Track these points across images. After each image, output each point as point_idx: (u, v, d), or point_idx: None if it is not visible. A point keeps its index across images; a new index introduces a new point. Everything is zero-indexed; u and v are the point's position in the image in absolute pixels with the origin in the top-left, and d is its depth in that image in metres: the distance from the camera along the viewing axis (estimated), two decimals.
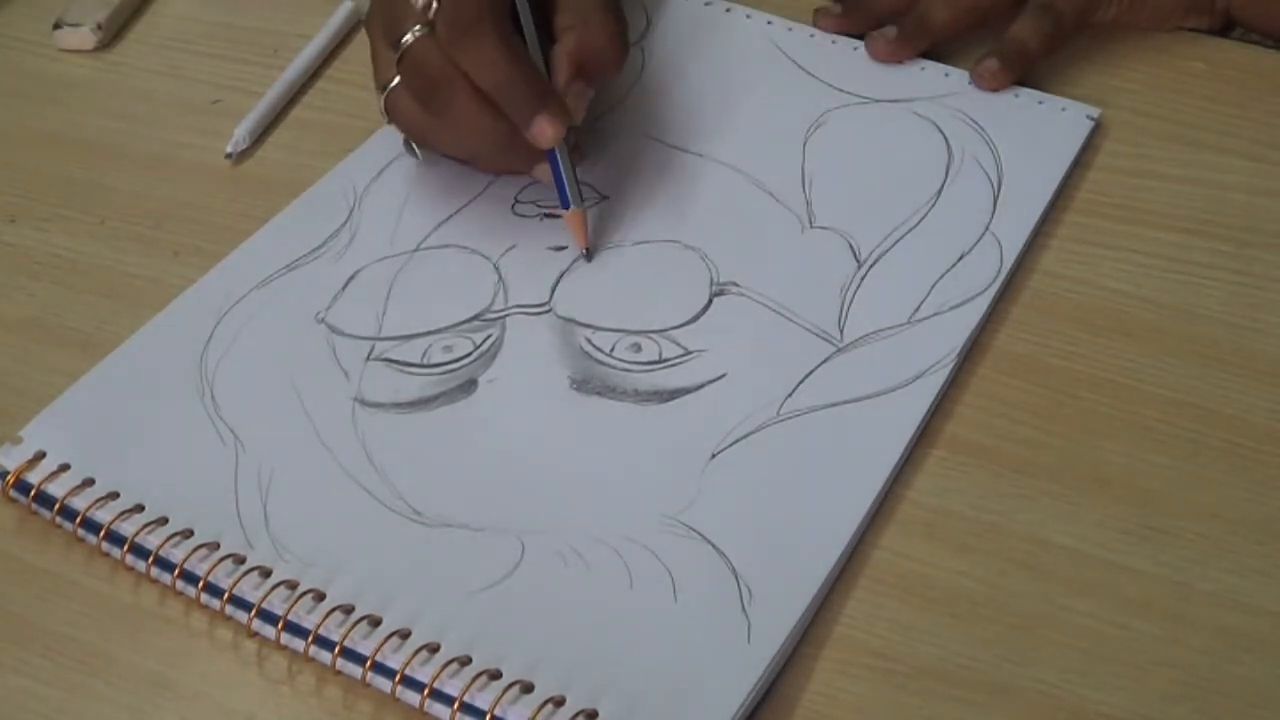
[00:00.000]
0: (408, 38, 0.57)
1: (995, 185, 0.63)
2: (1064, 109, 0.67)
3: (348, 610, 0.49)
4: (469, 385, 0.56)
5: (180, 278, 0.61)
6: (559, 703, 0.46)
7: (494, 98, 0.57)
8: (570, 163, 0.60)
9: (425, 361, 0.57)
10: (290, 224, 0.63)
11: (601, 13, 0.61)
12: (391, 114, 0.60)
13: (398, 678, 0.47)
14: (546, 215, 0.63)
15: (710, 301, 0.59)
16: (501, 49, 0.57)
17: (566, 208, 0.60)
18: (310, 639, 0.48)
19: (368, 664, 0.47)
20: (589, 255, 0.60)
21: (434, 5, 0.57)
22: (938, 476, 0.53)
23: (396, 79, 0.59)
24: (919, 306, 0.58)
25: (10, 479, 0.53)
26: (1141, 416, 0.55)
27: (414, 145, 0.63)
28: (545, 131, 0.58)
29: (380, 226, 0.62)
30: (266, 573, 0.50)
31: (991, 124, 0.66)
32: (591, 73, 0.61)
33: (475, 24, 0.57)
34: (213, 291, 0.60)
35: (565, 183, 0.60)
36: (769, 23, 0.72)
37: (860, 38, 0.70)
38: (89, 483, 0.53)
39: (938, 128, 0.66)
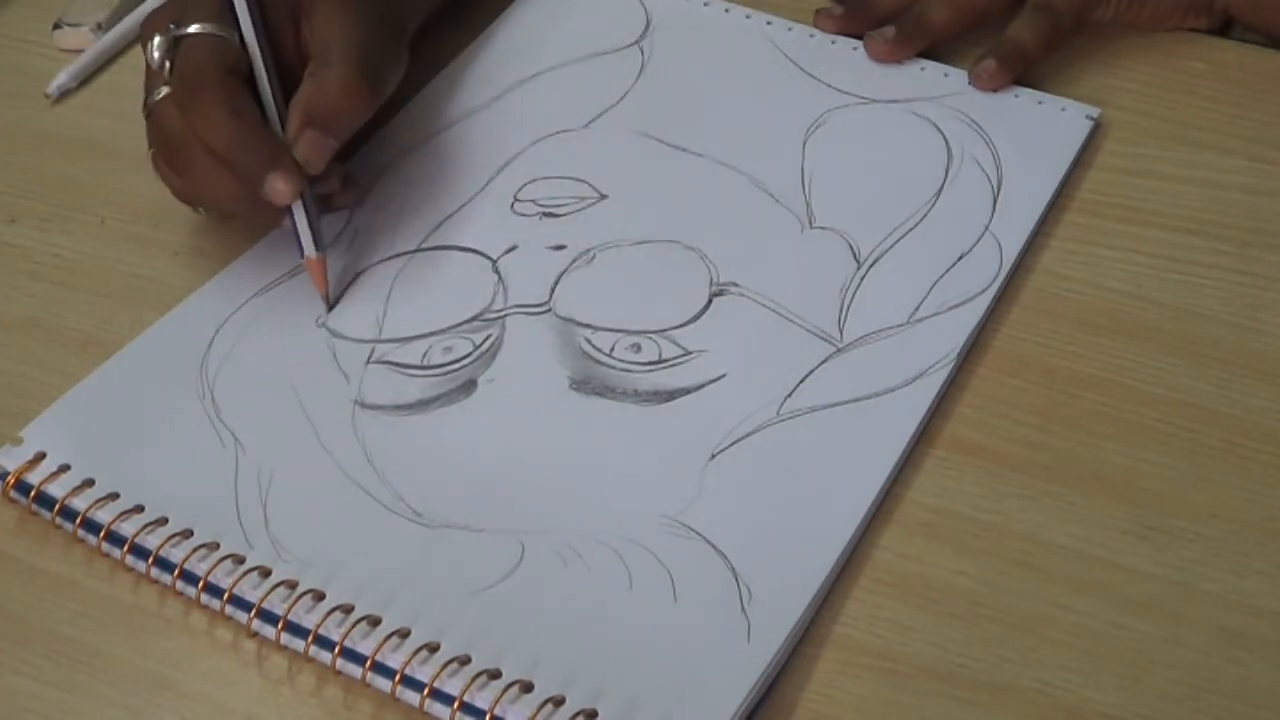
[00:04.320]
0: (151, 98, 0.58)
1: (995, 185, 0.63)
2: (1063, 109, 0.67)
3: (347, 610, 0.49)
4: (469, 386, 0.56)
5: (180, 278, 0.61)
6: (559, 702, 0.46)
7: (225, 158, 0.56)
8: (313, 209, 0.59)
9: (425, 363, 0.57)
10: (291, 230, 0.63)
11: (340, 60, 0.58)
12: (159, 177, 0.60)
13: (397, 677, 0.47)
14: (546, 215, 0.63)
15: (710, 301, 0.59)
16: (225, 110, 0.56)
17: (304, 255, 0.59)
18: (310, 639, 0.48)
19: (367, 664, 0.47)
20: (328, 302, 0.59)
21: (167, 66, 0.57)
22: (938, 476, 0.53)
23: None
24: (919, 306, 0.58)
25: (10, 479, 0.53)
26: (1141, 416, 0.55)
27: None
28: (278, 188, 0.56)
29: (380, 228, 0.62)
30: (266, 573, 0.50)
31: (991, 124, 0.66)
32: (324, 121, 0.58)
33: (201, 85, 0.56)
34: (214, 297, 0.60)
35: (303, 231, 0.58)
36: (769, 23, 0.72)
37: (860, 38, 0.70)
38: (89, 483, 0.53)
39: (937, 128, 0.66)
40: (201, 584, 0.50)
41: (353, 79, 0.58)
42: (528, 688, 0.47)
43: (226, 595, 0.49)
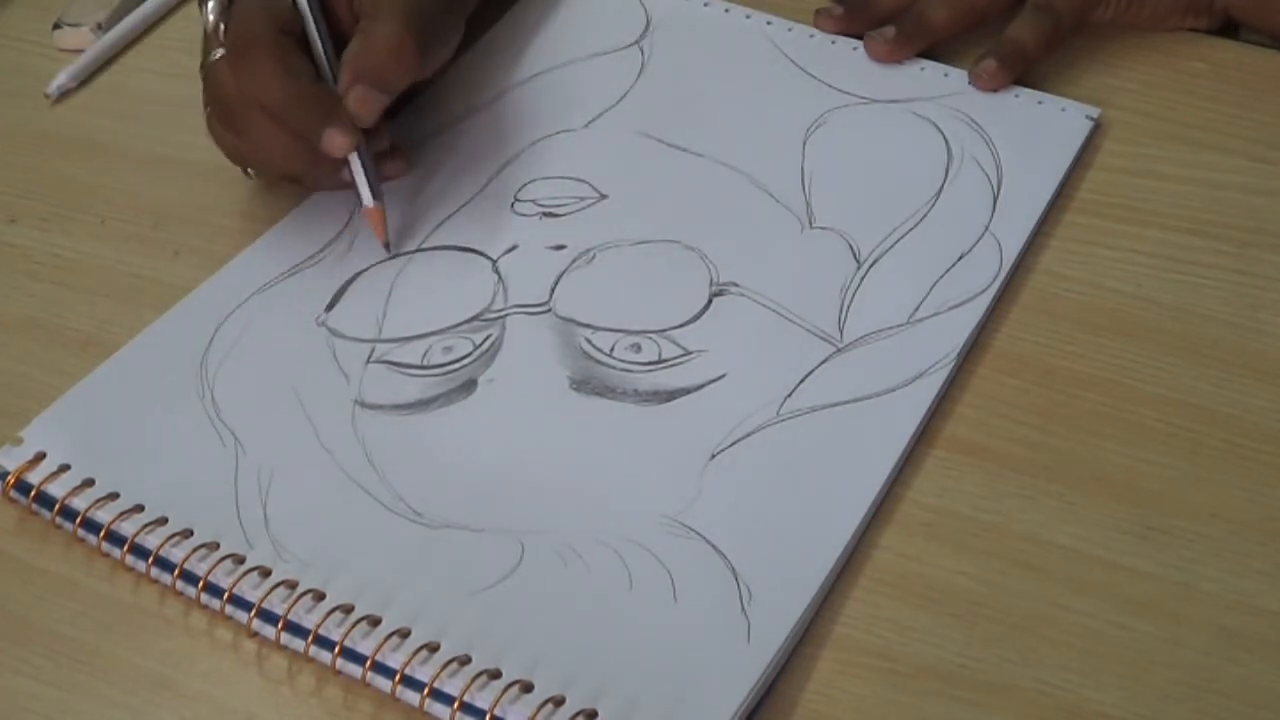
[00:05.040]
0: (208, 60, 0.58)
1: (995, 185, 0.63)
2: (1064, 109, 0.67)
3: (347, 610, 0.49)
4: (469, 385, 0.56)
5: (180, 278, 0.61)
6: (559, 702, 0.46)
7: (280, 116, 0.57)
8: (369, 161, 0.60)
9: (425, 363, 0.57)
10: (291, 229, 0.63)
11: (387, 18, 0.59)
12: (213, 138, 0.61)
13: (397, 677, 0.47)
14: (546, 215, 0.63)
15: (710, 301, 0.59)
16: (277, 68, 0.57)
17: (364, 205, 0.60)
18: (310, 639, 0.48)
19: (367, 664, 0.47)
20: (389, 249, 0.61)
21: (221, 28, 0.57)
22: (938, 476, 0.53)
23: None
24: (919, 306, 0.58)
25: (10, 479, 0.53)
26: (1141, 416, 0.55)
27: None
28: (335, 141, 0.58)
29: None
30: (266, 573, 0.50)
31: (991, 124, 0.66)
32: (373, 77, 0.59)
33: (252, 45, 0.57)
34: (214, 296, 0.60)
35: (360, 182, 0.60)
36: (769, 23, 0.72)
37: (860, 38, 0.70)
38: (89, 483, 0.53)
39: (937, 128, 0.66)
40: (201, 584, 0.50)
41: (398, 35, 0.59)
42: (528, 688, 0.47)
43: (226, 595, 0.49)
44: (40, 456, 0.54)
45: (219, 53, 0.58)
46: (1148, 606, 0.49)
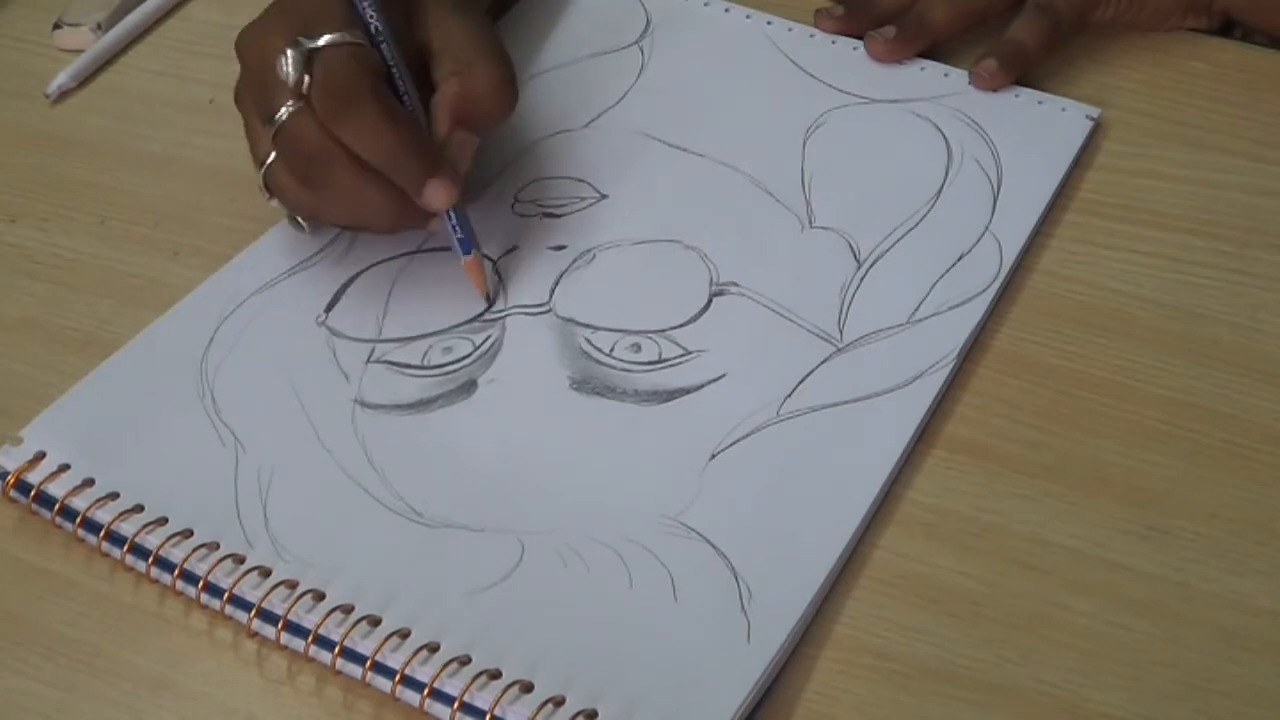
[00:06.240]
0: (282, 113, 0.55)
1: (995, 185, 0.63)
2: (1064, 109, 0.67)
3: (347, 610, 0.49)
4: (469, 386, 0.56)
5: (180, 278, 0.61)
6: (559, 703, 0.46)
7: (381, 168, 0.55)
8: (463, 212, 0.58)
9: (425, 363, 0.57)
10: (291, 229, 0.63)
11: (485, 57, 0.58)
12: (273, 190, 0.58)
13: (398, 677, 0.47)
14: (547, 215, 0.63)
15: (710, 301, 0.59)
16: (383, 117, 0.55)
17: (465, 253, 0.58)
18: (310, 639, 0.48)
19: (368, 664, 0.47)
20: (490, 301, 0.59)
21: (306, 80, 0.55)
22: (938, 476, 0.53)
23: (274, 154, 0.57)
24: (919, 306, 0.58)
25: (10, 479, 0.53)
26: (1141, 416, 0.55)
27: (298, 218, 0.61)
28: (439, 196, 0.56)
29: None
30: (266, 573, 0.50)
31: (991, 124, 0.66)
32: (473, 121, 0.58)
33: (353, 95, 0.55)
34: (214, 296, 0.60)
35: (459, 232, 0.58)
36: (769, 23, 0.72)
37: (860, 38, 0.70)
38: (89, 483, 0.53)
39: (937, 128, 0.66)
40: (201, 584, 0.50)
41: (502, 80, 0.58)
42: (528, 688, 0.47)
43: (226, 595, 0.49)
44: (40, 456, 0.54)
45: (294, 105, 0.55)
46: (1148, 606, 0.49)
